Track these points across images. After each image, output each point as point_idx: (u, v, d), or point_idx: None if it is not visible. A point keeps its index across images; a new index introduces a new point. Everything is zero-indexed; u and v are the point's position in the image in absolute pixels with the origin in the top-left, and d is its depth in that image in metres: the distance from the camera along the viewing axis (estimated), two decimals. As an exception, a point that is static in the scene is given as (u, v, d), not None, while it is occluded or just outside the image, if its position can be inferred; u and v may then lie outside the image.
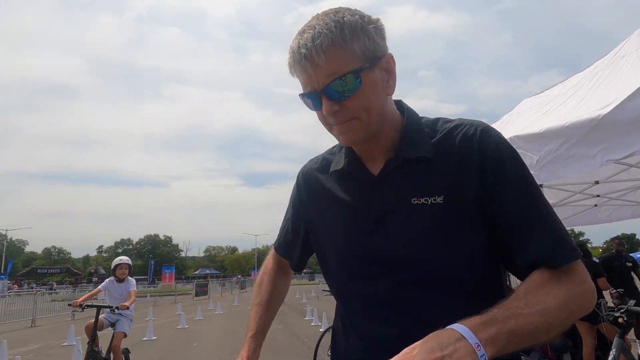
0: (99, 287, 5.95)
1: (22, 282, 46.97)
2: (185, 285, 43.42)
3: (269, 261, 1.32)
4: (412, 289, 0.89)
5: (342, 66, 0.85)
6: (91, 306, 5.33)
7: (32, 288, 28.44)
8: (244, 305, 19.75)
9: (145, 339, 9.88)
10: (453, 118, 0.99)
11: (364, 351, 0.95)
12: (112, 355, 5.31)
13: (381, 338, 0.90)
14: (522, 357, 2.95)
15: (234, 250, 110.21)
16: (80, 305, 5.29)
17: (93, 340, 5.03)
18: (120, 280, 5.81)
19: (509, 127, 4.05)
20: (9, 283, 40.82)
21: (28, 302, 15.59)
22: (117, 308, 5.31)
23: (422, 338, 0.71)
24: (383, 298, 0.91)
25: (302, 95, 0.92)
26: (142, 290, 31.34)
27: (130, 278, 5.89)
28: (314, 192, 1.11)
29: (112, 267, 5.96)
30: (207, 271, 74.38)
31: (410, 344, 0.70)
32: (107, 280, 5.94)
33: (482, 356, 0.66)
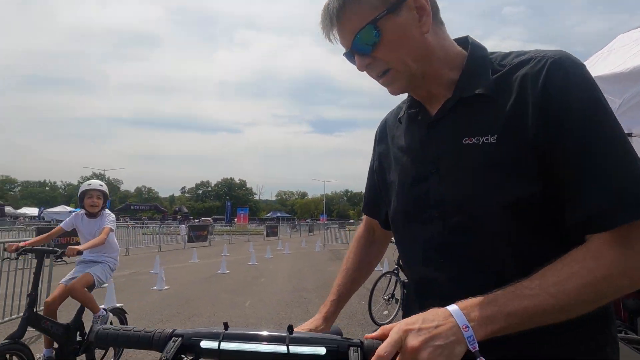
0: (61, 224, 4.12)
1: (119, 216, 52.91)
2: (257, 226, 46.14)
3: (359, 228, 1.30)
4: (462, 234, 0.86)
5: (361, 20, 0.85)
6: (30, 251, 3.64)
7: (126, 222, 32.02)
8: (310, 247, 20.68)
9: (219, 272, 10.83)
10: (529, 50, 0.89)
11: (419, 295, 0.97)
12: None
13: (434, 282, 0.91)
14: None
15: (303, 195, 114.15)
16: (17, 251, 3.58)
17: (33, 301, 3.35)
18: (91, 215, 4.03)
19: (595, 68, 3.58)
20: (108, 217, 46.18)
21: (123, 234, 17.64)
22: (63, 254, 3.52)
23: (471, 283, 0.75)
24: (437, 242, 0.90)
25: (344, 56, 0.94)
26: (220, 229, 33.88)
27: (107, 212, 4.10)
28: (385, 141, 1.12)
29: (78, 196, 4.16)
30: (278, 214, 78.27)
31: (462, 289, 0.74)
32: (73, 214, 4.19)
33: (469, 337, 0.67)
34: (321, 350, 0.70)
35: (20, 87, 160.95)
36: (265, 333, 0.73)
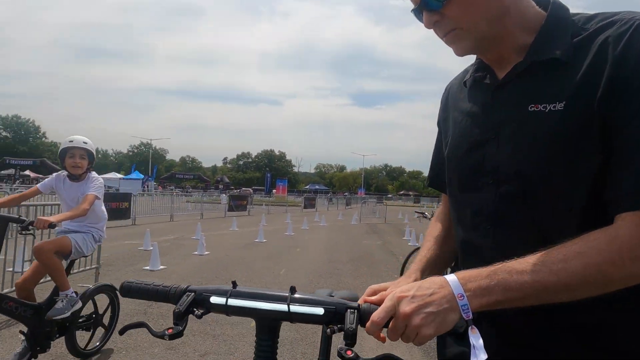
0: (39, 185, 3.54)
1: (165, 184, 55.32)
2: (296, 198, 46.86)
3: (438, 209, 1.22)
4: (512, 203, 0.84)
5: None
6: None
7: (171, 190, 33.51)
8: (347, 221, 20.86)
9: (257, 240, 11.21)
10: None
11: (462, 259, 0.97)
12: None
13: (479, 249, 0.90)
14: None
15: (342, 168, 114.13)
16: None
17: None
18: (74, 178, 3.37)
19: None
20: (155, 184, 48.58)
21: (168, 201, 18.51)
22: (30, 225, 2.95)
23: (514, 252, 0.75)
24: (487, 210, 0.88)
25: (412, 12, 0.91)
26: (259, 199, 34.85)
27: (93, 175, 3.43)
28: (449, 105, 1.08)
29: (59, 154, 3.47)
30: (317, 186, 78.93)
31: (504, 257, 0.75)
32: (54, 175, 3.54)
33: (463, 305, 0.70)
34: (319, 311, 0.76)
35: (73, 60, 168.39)
36: (269, 292, 0.79)
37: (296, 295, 0.77)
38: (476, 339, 0.73)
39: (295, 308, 0.76)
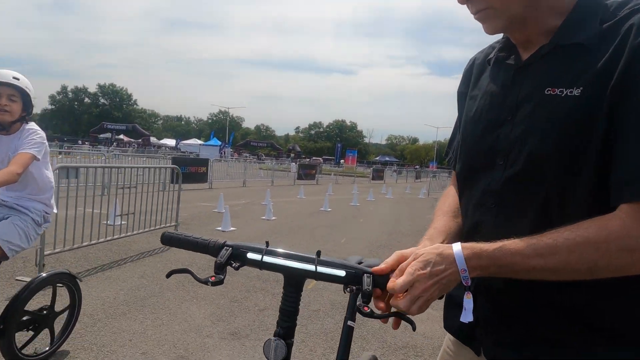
0: None
1: (240, 151, 57.95)
2: (365, 169, 46.77)
3: (448, 189, 1.20)
4: (519, 183, 0.86)
5: None
6: None
7: (246, 157, 35.14)
8: (414, 194, 20.54)
9: (322, 209, 11.53)
10: None
11: (466, 236, 0.99)
12: None
13: (480, 225, 0.94)
14: None
15: (414, 140, 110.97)
16: None
17: None
18: (2, 129, 2.46)
19: None
20: (231, 151, 51.16)
21: (241, 167, 19.51)
22: None
23: (513, 231, 0.81)
24: (493, 188, 0.91)
25: None
26: (328, 169, 35.26)
27: (31, 128, 2.50)
28: (467, 82, 1.08)
29: None
30: (387, 158, 77.86)
31: (503, 235, 0.81)
32: None
33: (464, 277, 0.79)
34: (341, 273, 0.88)
35: (160, 30, 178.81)
36: (299, 254, 0.91)
37: (322, 258, 0.89)
38: (468, 304, 0.82)
39: (321, 269, 0.88)
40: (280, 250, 0.93)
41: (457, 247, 0.81)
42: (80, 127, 73.76)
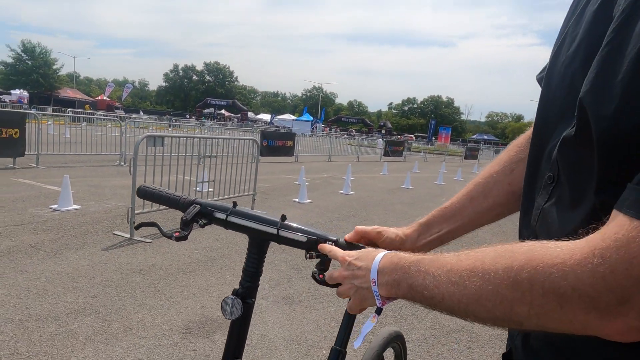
0: None
1: (331, 127, 58.64)
2: (459, 147, 44.40)
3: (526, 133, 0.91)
4: (577, 153, 0.60)
5: None
6: None
7: (333, 133, 35.53)
8: (510, 175, 19.08)
9: (403, 186, 11.29)
10: None
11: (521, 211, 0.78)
12: None
13: (530, 201, 0.71)
14: None
15: (518, 118, 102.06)
16: None
17: None
18: None
19: None
20: (322, 126, 52.02)
21: (327, 142, 19.79)
22: None
23: (553, 219, 0.60)
24: (552, 156, 0.65)
25: None
26: (418, 146, 34.06)
27: None
28: (574, 13, 0.76)
29: None
30: (485, 137, 72.94)
31: (545, 219, 0.63)
32: None
33: (375, 291, 0.69)
34: (302, 238, 0.87)
35: (261, 9, 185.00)
36: (263, 216, 0.91)
37: (286, 223, 0.89)
38: (366, 327, 0.74)
39: (283, 233, 0.88)
40: (246, 211, 0.93)
41: (381, 253, 0.71)
42: (189, 103, 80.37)
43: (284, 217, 0.90)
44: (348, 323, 0.96)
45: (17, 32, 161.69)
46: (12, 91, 44.14)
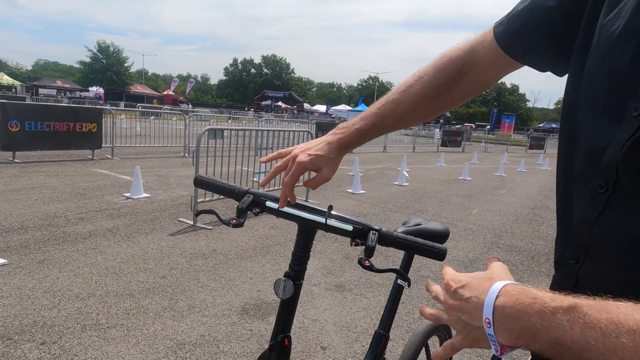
0: None
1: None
2: (524, 136, 41.98)
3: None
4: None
5: None
6: None
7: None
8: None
9: (460, 177, 10.97)
10: None
11: (558, 231, 0.73)
12: None
13: (572, 212, 0.66)
14: None
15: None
16: None
17: None
18: None
19: None
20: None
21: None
22: None
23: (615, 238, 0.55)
24: (615, 155, 0.56)
25: None
26: (478, 136, 32.66)
27: None
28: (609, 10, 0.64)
29: None
30: (554, 125, 68.27)
31: (603, 237, 0.57)
32: None
33: (489, 334, 0.50)
34: (348, 227, 0.94)
35: (316, 0, 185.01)
36: (313, 206, 0.99)
37: (334, 213, 0.96)
38: None
39: (331, 222, 0.95)
40: (297, 201, 1.00)
41: (500, 283, 0.52)
42: (247, 96, 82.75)
43: (330, 208, 0.97)
44: (392, 308, 1.03)
45: (94, 33, 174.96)
46: (89, 88, 48.04)
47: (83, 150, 9.34)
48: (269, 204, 1.03)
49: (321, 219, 0.96)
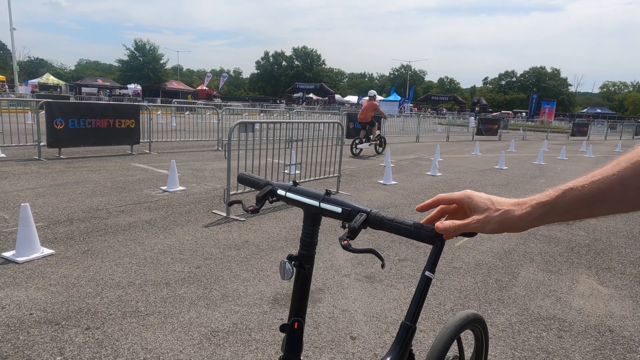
0: None
1: (420, 106, 56.71)
2: (565, 123, 40.17)
3: None
4: None
5: None
6: None
7: (420, 113, 34.36)
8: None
9: (496, 167, 10.66)
10: None
11: None
12: None
13: None
14: None
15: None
16: None
17: None
18: None
19: None
20: (411, 106, 50.57)
21: (415, 122, 19.26)
22: None
23: None
24: None
25: None
26: (516, 124, 31.50)
27: None
28: None
29: None
30: (598, 110, 64.90)
31: None
32: None
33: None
34: (338, 209, 0.97)
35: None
36: (310, 191, 1.04)
37: (328, 197, 1.00)
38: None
39: (324, 205, 0.99)
40: (300, 188, 1.05)
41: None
42: (279, 88, 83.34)
43: (328, 192, 1.01)
44: (419, 299, 1.03)
45: (131, 31, 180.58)
46: (128, 86, 49.81)
47: (122, 146, 9.74)
48: (279, 191, 1.09)
49: (316, 203, 1.00)
